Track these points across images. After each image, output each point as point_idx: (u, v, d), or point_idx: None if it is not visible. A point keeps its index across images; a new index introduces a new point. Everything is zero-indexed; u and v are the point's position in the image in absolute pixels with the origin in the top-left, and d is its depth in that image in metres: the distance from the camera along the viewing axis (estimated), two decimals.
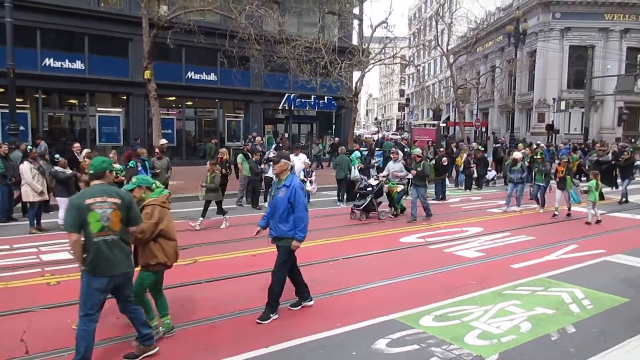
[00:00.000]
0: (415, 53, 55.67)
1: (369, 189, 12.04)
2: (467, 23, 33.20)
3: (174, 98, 24.24)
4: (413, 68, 42.51)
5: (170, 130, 23.16)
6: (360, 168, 15.38)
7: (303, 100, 27.04)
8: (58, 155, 10.75)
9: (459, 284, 6.84)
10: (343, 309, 5.88)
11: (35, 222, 10.08)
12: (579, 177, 19.27)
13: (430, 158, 17.14)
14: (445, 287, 6.73)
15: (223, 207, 11.02)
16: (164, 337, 4.98)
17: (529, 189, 14.14)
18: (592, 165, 16.58)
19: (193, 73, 24.15)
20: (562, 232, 10.78)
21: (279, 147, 16.45)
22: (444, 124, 48.13)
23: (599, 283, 6.92)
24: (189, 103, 25.18)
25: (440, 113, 48.64)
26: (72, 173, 10.24)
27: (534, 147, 21.51)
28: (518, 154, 13.97)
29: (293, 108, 27.36)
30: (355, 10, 27.04)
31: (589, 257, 8.46)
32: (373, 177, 13.58)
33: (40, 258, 8.03)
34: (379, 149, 21.74)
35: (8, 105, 14.21)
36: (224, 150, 13.90)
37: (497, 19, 43.93)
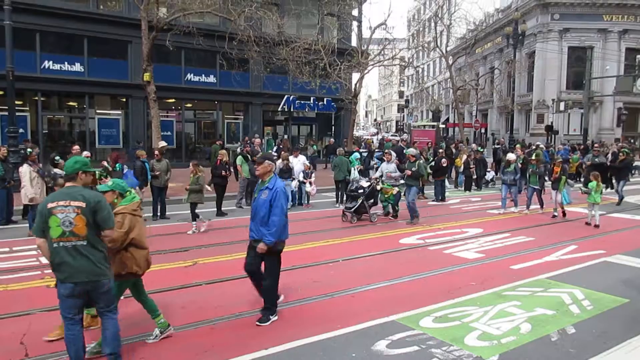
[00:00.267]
0: (415, 54, 55.60)
1: (360, 191, 11.76)
2: (466, 24, 33.30)
3: (174, 100, 24.27)
4: (412, 69, 42.63)
5: (170, 132, 23.18)
6: (360, 169, 15.40)
7: (302, 102, 27.06)
8: (58, 157, 10.70)
9: (459, 285, 6.84)
10: (343, 311, 5.88)
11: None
12: (578, 178, 19.29)
13: (430, 159, 17.17)
14: (445, 288, 6.73)
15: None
16: (164, 336, 4.99)
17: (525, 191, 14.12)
18: (588, 167, 16.48)
19: (192, 75, 24.17)
20: (561, 232, 10.78)
21: (280, 148, 16.45)
22: (444, 125, 48.19)
23: (599, 284, 6.92)
24: (189, 105, 25.20)
25: (440, 114, 48.70)
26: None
27: (534, 148, 21.57)
28: (511, 156, 13.86)
29: (292, 110, 27.38)
30: (354, 12, 27.07)
31: (589, 257, 8.47)
32: (365, 178, 13.35)
33: (40, 261, 7.99)
34: (379, 150, 21.75)
35: (7, 108, 14.22)
36: (224, 152, 13.89)
37: (495, 20, 44.05)
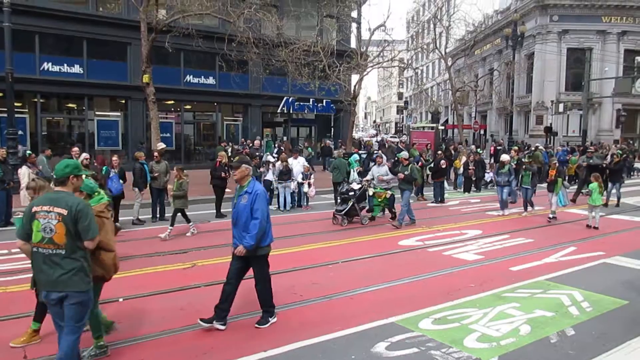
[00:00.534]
0: (414, 56, 55.78)
1: (351, 194, 11.60)
2: (465, 26, 33.38)
3: (173, 102, 24.26)
4: (411, 71, 42.62)
5: (169, 134, 23.16)
6: (359, 171, 15.39)
7: (301, 104, 27.06)
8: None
9: (458, 287, 6.84)
10: (342, 312, 5.87)
11: None
12: (576, 179, 19.25)
13: (430, 160, 17.18)
14: (445, 290, 6.73)
15: (187, 216, 10.25)
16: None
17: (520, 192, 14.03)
18: (582, 168, 16.22)
19: (191, 77, 24.17)
20: (560, 234, 10.78)
21: (281, 150, 16.46)
22: (443, 127, 48.25)
23: (598, 285, 6.93)
24: (188, 107, 25.18)
25: (439, 116, 48.73)
26: None
27: (533, 149, 21.58)
28: (505, 157, 13.78)
29: (292, 111, 27.37)
30: (354, 14, 27.08)
31: (588, 259, 8.48)
32: (355, 180, 13.19)
33: None
34: (378, 152, 21.69)
35: (6, 110, 14.21)
36: (223, 154, 13.89)
37: (495, 22, 44.11)
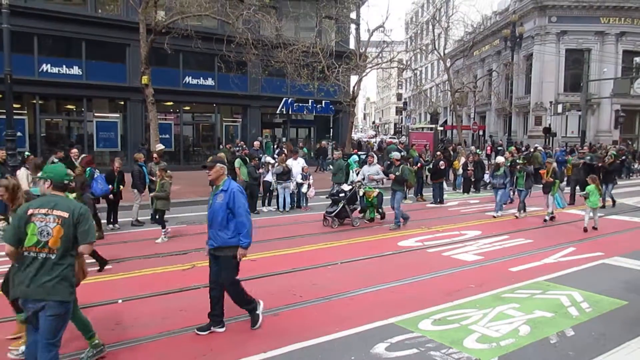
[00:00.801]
0: (412, 57, 55.80)
1: (341, 195, 11.51)
2: (463, 27, 33.39)
3: (172, 103, 24.25)
4: (410, 72, 42.60)
5: (168, 135, 23.15)
6: (359, 172, 15.37)
7: (301, 105, 27.06)
8: (57, 160, 10.71)
9: (458, 288, 6.84)
10: (342, 313, 5.87)
11: None
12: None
13: (428, 161, 17.18)
14: (444, 290, 6.73)
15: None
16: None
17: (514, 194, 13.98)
18: (574, 169, 16.06)
19: (190, 78, 24.16)
20: (560, 235, 10.79)
21: (283, 151, 16.48)
22: (442, 128, 48.26)
23: (598, 286, 6.93)
24: (187, 108, 25.18)
25: (438, 116, 48.79)
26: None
27: (532, 150, 21.60)
28: (500, 159, 13.67)
29: (291, 112, 27.37)
30: (352, 15, 27.10)
31: (587, 259, 8.49)
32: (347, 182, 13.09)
33: None
34: (377, 153, 21.71)
35: (5, 112, 14.17)
36: (222, 155, 13.85)
37: (493, 23, 44.17)
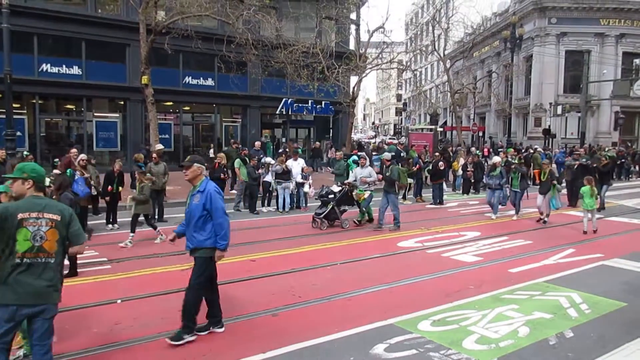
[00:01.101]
0: (412, 58, 55.81)
1: (331, 196, 11.42)
2: (463, 28, 33.37)
3: (171, 103, 24.23)
4: (410, 73, 42.64)
5: (168, 135, 23.13)
6: None
7: (300, 105, 27.05)
8: (57, 160, 10.70)
9: (457, 289, 6.84)
10: (341, 314, 5.87)
11: None
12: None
13: (428, 162, 17.18)
14: (443, 291, 6.73)
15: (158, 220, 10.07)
16: None
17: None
18: (568, 171, 15.93)
19: (190, 78, 24.14)
20: (559, 236, 10.79)
21: (286, 151, 16.50)
22: (441, 129, 48.26)
23: (597, 287, 6.93)
24: (187, 108, 25.15)
25: (438, 117, 48.84)
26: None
27: (531, 151, 21.61)
28: (496, 159, 13.44)
29: (290, 113, 27.36)
30: (352, 16, 27.11)
31: (587, 261, 8.49)
32: (337, 183, 12.90)
33: None
34: (376, 153, 21.66)
35: (5, 111, 14.17)
36: (222, 155, 13.87)
37: (493, 24, 44.19)
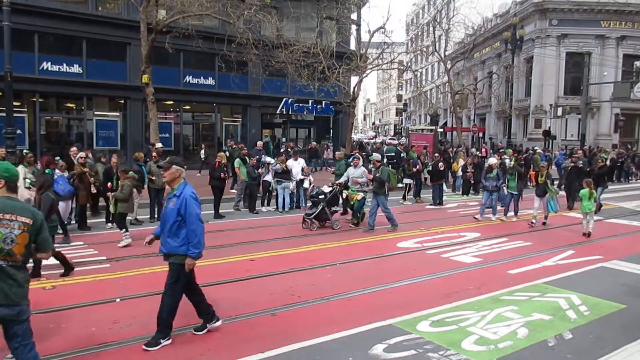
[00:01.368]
0: (413, 58, 55.80)
1: (321, 197, 11.29)
2: (464, 29, 33.39)
3: (172, 102, 24.23)
4: (410, 73, 42.67)
5: (168, 135, 23.13)
6: None
7: (301, 105, 27.06)
8: (58, 158, 10.70)
9: (456, 290, 6.84)
10: (340, 314, 5.86)
11: None
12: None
13: (427, 163, 17.17)
14: (443, 292, 6.73)
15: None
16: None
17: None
18: (564, 173, 15.85)
19: (191, 77, 24.14)
20: (558, 238, 10.79)
21: (288, 151, 16.49)
22: (442, 129, 48.27)
23: (596, 289, 6.93)
24: (187, 107, 25.15)
25: (438, 118, 48.82)
26: (67, 176, 10.21)
27: (531, 153, 21.61)
28: (493, 160, 13.30)
29: (291, 112, 27.37)
30: (353, 16, 27.08)
31: (586, 263, 8.48)
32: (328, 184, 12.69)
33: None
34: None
35: (5, 109, 14.15)
36: (222, 155, 13.86)
37: (494, 26, 44.21)
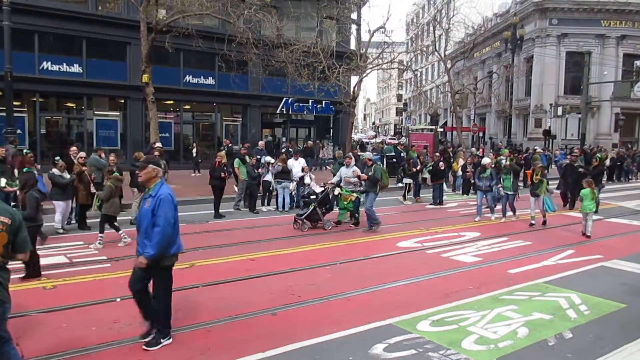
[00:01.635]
0: (413, 58, 55.84)
1: (313, 197, 11.25)
2: (464, 29, 33.41)
3: (172, 102, 24.24)
4: (411, 73, 42.67)
5: (168, 134, 23.15)
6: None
7: (301, 105, 27.07)
8: (58, 158, 10.70)
9: (456, 289, 6.84)
10: (340, 314, 5.87)
11: None
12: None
13: (427, 163, 17.16)
14: (443, 292, 6.73)
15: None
16: None
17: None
18: (562, 172, 15.81)
19: (191, 77, 24.15)
20: (558, 237, 10.79)
21: (289, 150, 16.49)
22: (442, 129, 48.28)
23: (596, 288, 6.94)
24: (187, 107, 25.15)
25: (438, 118, 48.87)
26: (70, 178, 10.21)
27: (532, 152, 21.61)
28: (486, 160, 13.23)
29: (291, 112, 27.38)
30: (353, 15, 27.05)
31: (586, 262, 8.49)
32: (320, 184, 12.64)
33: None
34: (376, 154, 21.64)
35: (5, 109, 14.17)
36: (222, 154, 13.86)
37: (494, 25, 44.23)
